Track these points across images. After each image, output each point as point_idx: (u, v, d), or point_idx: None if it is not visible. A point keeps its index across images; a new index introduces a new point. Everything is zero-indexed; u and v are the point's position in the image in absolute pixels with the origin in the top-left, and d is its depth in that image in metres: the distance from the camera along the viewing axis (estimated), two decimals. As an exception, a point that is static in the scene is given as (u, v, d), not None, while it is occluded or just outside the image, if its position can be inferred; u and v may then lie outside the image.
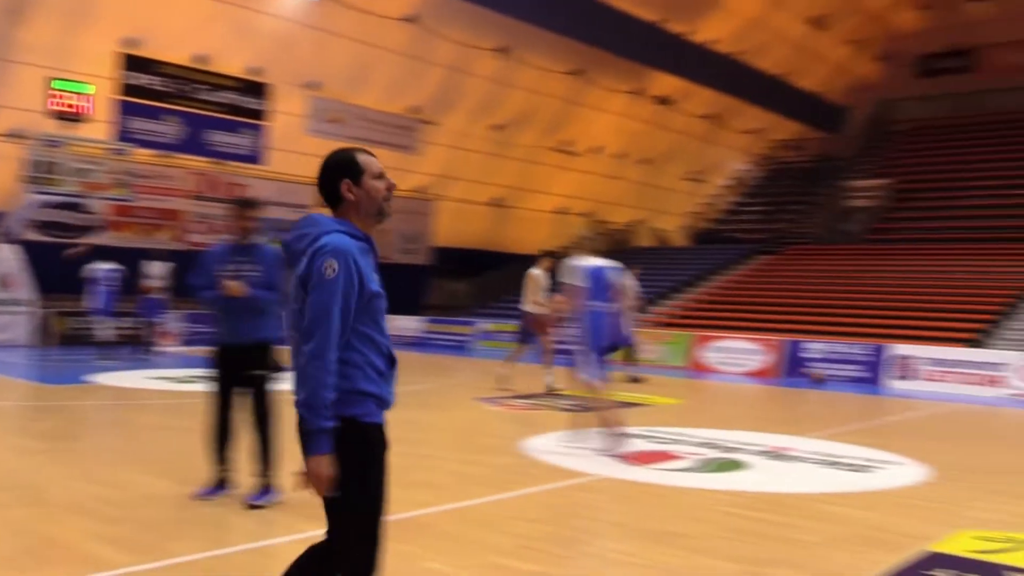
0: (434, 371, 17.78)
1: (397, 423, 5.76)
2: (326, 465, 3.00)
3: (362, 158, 3.26)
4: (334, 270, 3.00)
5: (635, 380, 16.49)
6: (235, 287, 6.14)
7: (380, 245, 3.26)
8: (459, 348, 25.14)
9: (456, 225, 30.87)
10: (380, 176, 3.26)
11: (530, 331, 14.63)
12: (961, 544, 5.72)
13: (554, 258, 14.78)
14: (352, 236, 3.12)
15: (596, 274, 8.67)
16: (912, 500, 7.11)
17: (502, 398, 13.04)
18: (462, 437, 9.42)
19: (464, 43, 24.83)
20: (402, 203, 29.28)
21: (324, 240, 3.06)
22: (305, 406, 2.98)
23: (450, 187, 29.77)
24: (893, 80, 35.75)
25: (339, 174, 3.22)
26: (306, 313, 3.01)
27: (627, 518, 6.08)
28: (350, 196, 3.21)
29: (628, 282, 9.55)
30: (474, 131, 28.18)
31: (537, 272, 14.69)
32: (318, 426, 2.96)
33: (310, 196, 26.61)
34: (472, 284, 30.88)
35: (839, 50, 33.91)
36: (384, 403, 3.16)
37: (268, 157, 23.92)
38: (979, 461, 9.37)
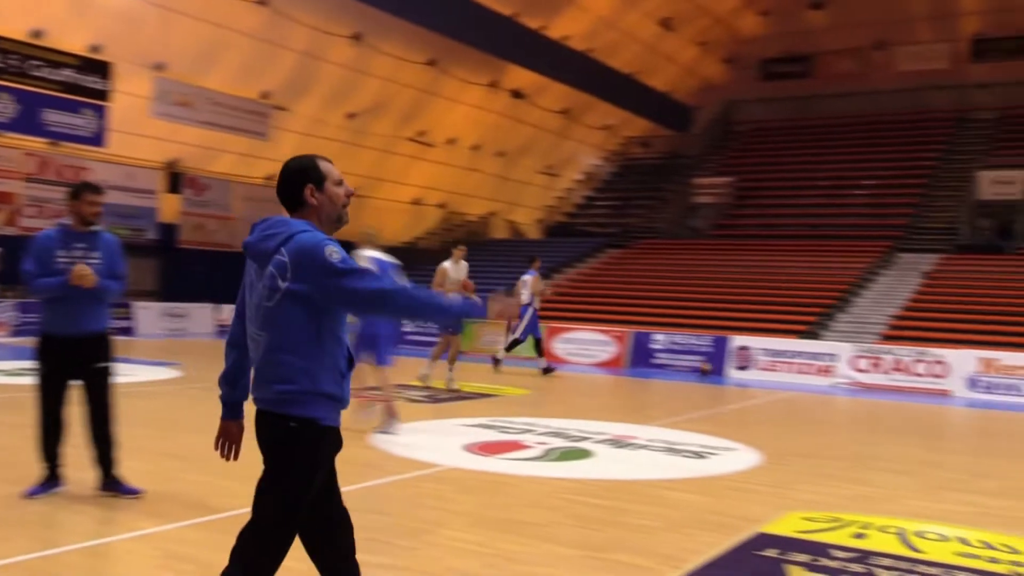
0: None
1: (251, 419, 5.63)
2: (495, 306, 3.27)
3: (324, 165, 3.33)
4: (338, 252, 3.09)
5: (548, 371, 17.10)
6: (88, 275, 5.83)
7: (228, 234, 3.24)
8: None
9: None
10: (340, 183, 3.34)
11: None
12: (789, 525, 6.02)
13: (466, 248, 15.06)
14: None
15: (383, 266, 9.16)
16: (745, 484, 7.44)
17: (356, 389, 12.89)
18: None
19: (318, 28, 24.38)
20: (253, 191, 28.56)
21: (302, 237, 3.10)
22: (438, 312, 3.22)
23: (303, 175, 29.20)
24: (738, 82, 37.19)
25: (303, 179, 3.27)
26: (354, 296, 3.07)
27: (474, 508, 6.13)
28: (313, 200, 3.26)
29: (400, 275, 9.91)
30: (328, 119, 27.72)
31: (447, 265, 14.51)
32: (458, 309, 3.21)
33: (155, 180, 25.64)
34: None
35: (687, 51, 35.01)
36: (343, 404, 3.21)
37: (109, 139, 22.86)
38: (808, 446, 9.88)
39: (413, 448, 8.34)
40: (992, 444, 11.43)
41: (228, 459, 3.47)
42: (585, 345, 20.82)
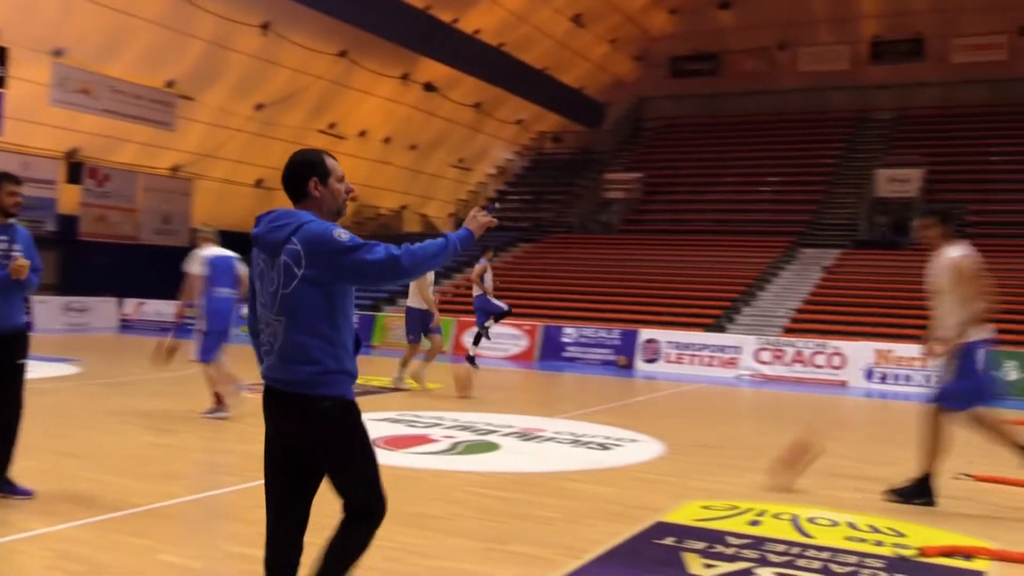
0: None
1: (150, 415, 5.52)
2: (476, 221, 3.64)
3: (329, 161, 3.53)
4: (345, 232, 3.31)
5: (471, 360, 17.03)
6: (26, 268, 5.62)
7: (132, 225, 3.24)
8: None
9: (218, 206, 29.71)
10: (341, 179, 3.55)
11: (417, 328, 13.45)
12: (688, 513, 6.16)
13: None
14: None
15: (220, 263, 9.67)
16: (647, 474, 7.58)
17: (257, 384, 12.70)
18: (214, 425, 9.11)
19: (225, 17, 23.89)
20: (158, 181, 27.88)
21: (311, 226, 3.32)
22: (443, 256, 3.45)
23: (211, 167, 28.62)
24: (648, 79, 37.72)
25: (309, 172, 3.48)
26: (363, 268, 3.29)
27: (378, 502, 6.11)
28: (316, 193, 3.47)
29: (244, 270, 10.18)
30: (237, 109, 27.21)
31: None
32: (461, 236, 3.55)
33: (54, 170, 24.80)
34: (234, 267, 29.88)
35: (598, 48, 35.36)
36: (354, 379, 3.46)
37: (4, 127, 22.05)
38: (710, 437, 10.10)
39: (319, 443, 8.26)
40: (884, 432, 11.86)
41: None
42: (496, 339, 20.87)
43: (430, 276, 13.39)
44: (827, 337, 18.74)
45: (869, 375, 17.69)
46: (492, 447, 8.51)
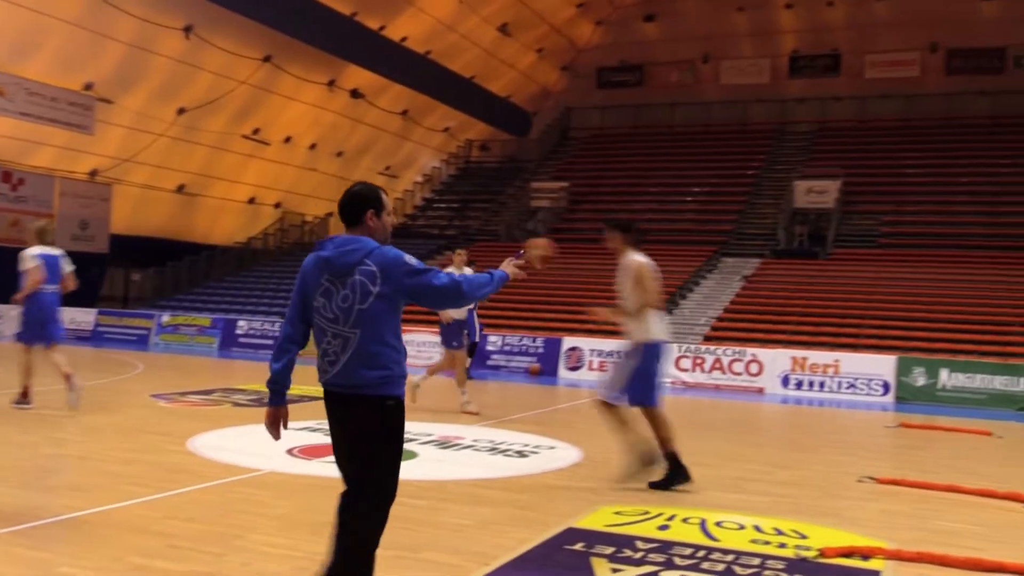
0: (108, 367, 16.68)
1: (58, 424, 5.40)
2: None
3: (384, 197, 4.02)
4: (413, 258, 3.89)
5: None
6: None
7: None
8: (137, 343, 23.79)
9: (137, 212, 29.14)
10: (391, 213, 4.06)
11: (453, 337, 12.54)
12: (599, 519, 6.24)
13: (468, 251, 14.19)
14: None
15: (49, 260, 10.24)
16: (563, 481, 7.65)
17: (175, 394, 12.49)
18: (127, 436, 8.93)
19: (145, 19, 23.48)
20: (77, 186, 27.22)
21: (383, 250, 3.86)
22: (489, 287, 4.17)
23: (131, 172, 28.04)
24: (575, 89, 38.09)
25: (367, 204, 3.96)
26: (428, 291, 3.91)
27: (289, 511, 6.07)
28: (371, 224, 3.96)
29: (69, 268, 10.61)
30: (158, 113, 26.73)
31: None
32: (501, 276, 4.26)
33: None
34: (154, 275, 29.30)
35: (526, 57, 35.61)
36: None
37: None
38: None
39: (234, 453, 8.16)
40: (795, 437, 12.15)
41: (278, 439, 4.21)
42: (419, 348, 20.84)
43: None
44: (746, 345, 19.12)
45: (785, 382, 18.09)
46: (410, 455, 8.49)
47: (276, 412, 4.12)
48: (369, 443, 3.85)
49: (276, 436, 4.16)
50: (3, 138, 24.29)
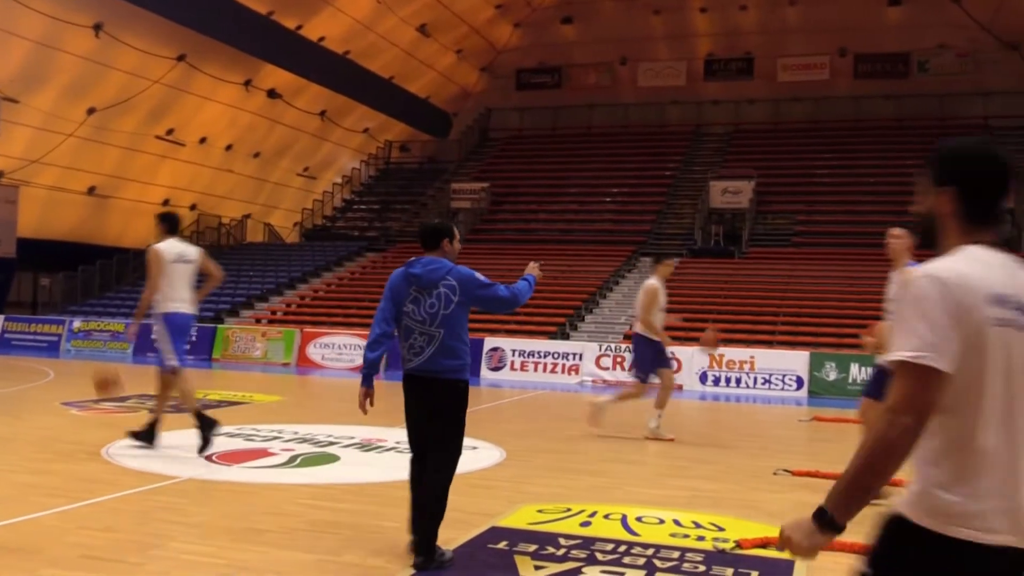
0: (16, 374, 16.17)
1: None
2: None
3: (456, 228, 5.54)
4: (481, 275, 5.35)
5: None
6: None
7: None
8: (48, 349, 23.09)
9: (46, 215, 28.24)
10: (458, 240, 5.46)
11: (647, 363, 10.66)
12: (522, 517, 6.30)
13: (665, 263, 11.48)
14: None
15: None
16: (485, 481, 7.69)
17: (88, 401, 12.18)
18: (38, 445, 8.68)
19: (53, 16, 22.78)
20: (-21, 188, 26.28)
21: (460, 269, 5.31)
22: (527, 294, 5.60)
23: (39, 173, 27.16)
24: (494, 90, 38.16)
25: (445, 234, 5.40)
26: (492, 300, 5.36)
27: (209, 518, 5.98)
28: (447, 248, 5.39)
29: None
30: (67, 113, 25.94)
31: (654, 283, 10.86)
32: (533, 280, 5.67)
33: None
34: (64, 279, 28.43)
35: (445, 58, 35.52)
36: None
37: None
38: (548, 442, 10.32)
39: (151, 460, 8.00)
40: (712, 433, 12.41)
41: (366, 414, 5.56)
42: (341, 350, 20.69)
43: (660, 298, 10.78)
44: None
45: (703, 378, 18.44)
46: (331, 459, 8.44)
47: (367, 392, 5.34)
48: (447, 414, 5.21)
49: (365, 411, 5.42)
50: (-99, 138, 23.37)
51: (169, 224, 8.92)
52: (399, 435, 10.00)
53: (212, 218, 32.94)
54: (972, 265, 2.12)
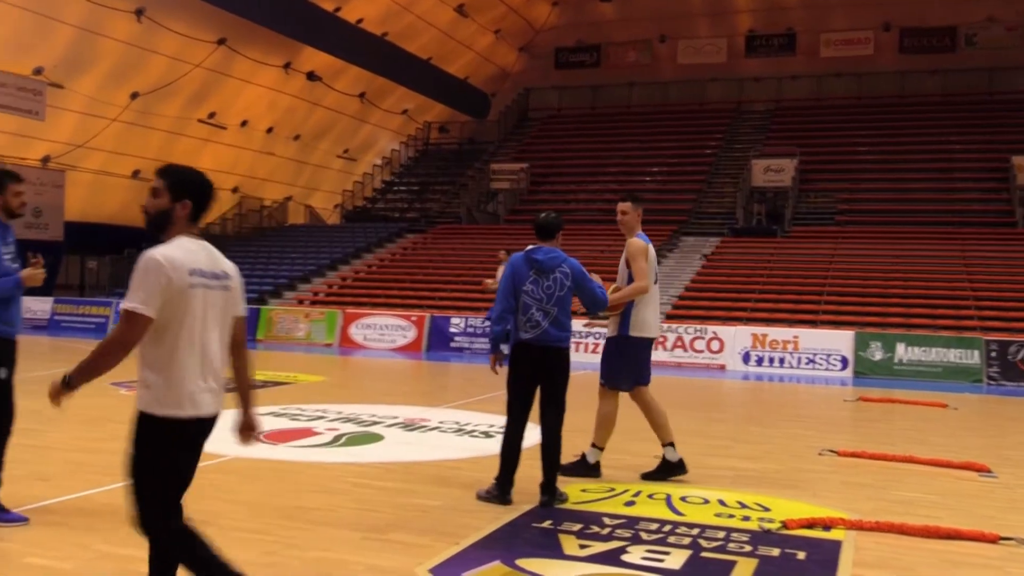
0: (66, 355, 16.48)
1: (18, 414, 5.34)
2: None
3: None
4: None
5: None
6: (39, 276, 5.35)
7: None
8: (96, 331, 23.49)
9: (92, 199, 28.69)
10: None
11: None
12: (567, 497, 6.30)
13: None
14: None
15: None
16: (529, 461, 7.66)
17: (136, 381, 12.37)
18: (89, 425, 8.84)
19: (95, 1, 23.03)
20: (28, 173, 26.70)
21: (572, 260, 6.24)
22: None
23: (85, 158, 27.57)
24: (533, 70, 38.02)
25: (559, 228, 6.36)
26: (593, 294, 6.25)
27: (257, 496, 6.05)
28: (559, 239, 6.32)
29: None
30: (111, 98, 26.27)
31: None
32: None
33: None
34: (111, 262, 28.87)
35: (483, 38, 35.45)
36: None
37: None
38: (590, 422, 10.28)
39: (198, 439, 8.11)
40: (755, 413, 12.32)
41: (498, 374, 6.51)
42: (383, 330, 20.81)
43: None
44: (707, 323, 19.30)
45: (746, 358, 18.31)
46: (375, 438, 8.51)
47: (496, 358, 6.36)
48: (559, 376, 6.20)
49: (496, 373, 6.46)
50: (-50, 125, 23.80)
51: None
52: (442, 415, 10.07)
53: (254, 201, 33.24)
54: (180, 250, 3.43)
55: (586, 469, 7.16)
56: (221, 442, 7.82)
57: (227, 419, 3.94)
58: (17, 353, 5.44)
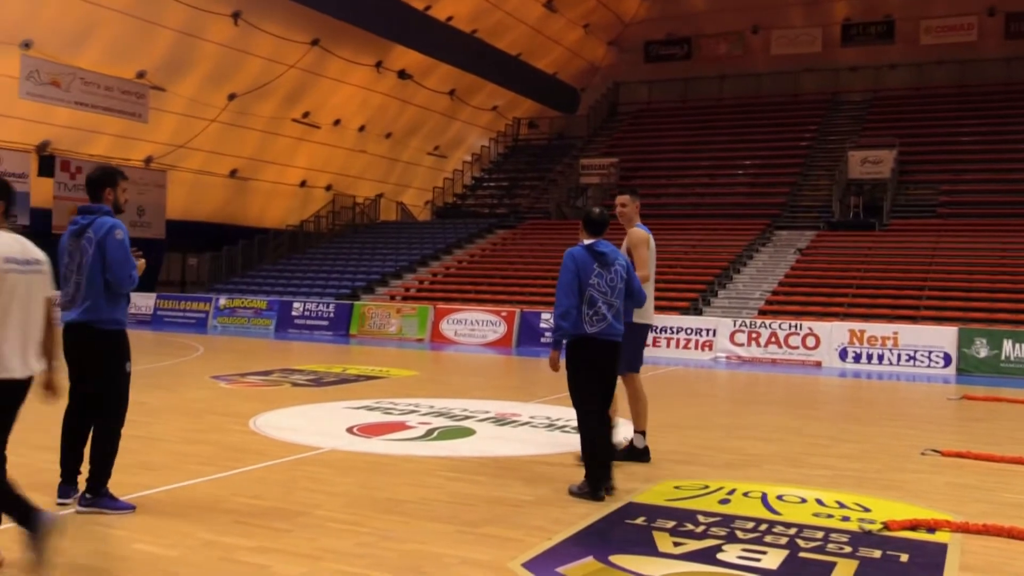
0: (168, 350, 17.03)
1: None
2: None
3: None
4: None
5: None
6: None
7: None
8: (196, 326, 24.21)
9: (192, 197, 29.59)
10: None
11: None
12: (659, 494, 6.24)
13: None
14: None
15: None
16: (620, 456, 7.63)
17: (235, 375, 12.71)
18: (190, 416, 9.12)
19: (194, 6, 23.73)
20: (132, 174, 27.62)
21: (623, 256, 6.45)
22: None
23: (185, 158, 28.46)
24: (622, 64, 37.76)
25: (609, 222, 6.38)
26: (638, 286, 6.53)
27: (352, 489, 6.15)
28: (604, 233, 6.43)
29: None
30: (209, 100, 27.05)
31: None
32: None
33: (26, 164, 24.59)
34: (210, 259, 29.75)
35: (572, 33, 35.35)
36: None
37: (-27, 121, 21.86)
38: (684, 418, 10.21)
39: (295, 432, 8.30)
40: (853, 411, 12.00)
41: (557, 371, 6.37)
42: (474, 326, 20.95)
43: None
44: (802, 318, 18.91)
45: (843, 355, 17.88)
46: (468, 432, 8.56)
47: (558, 355, 6.27)
48: (615, 368, 6.40)
49: (556, 370, 6.32)
50: (60, 128, 24.78)
51: None
52: (533, 410, 10.08)
53: (347, 198, 33.83)
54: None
55: (637, 454, 7.40)
56: (317, 435, 8.05)
57: (277, 419, 4.01)
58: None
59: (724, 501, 6.09)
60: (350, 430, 8.43)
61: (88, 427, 5.50)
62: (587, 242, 6.24)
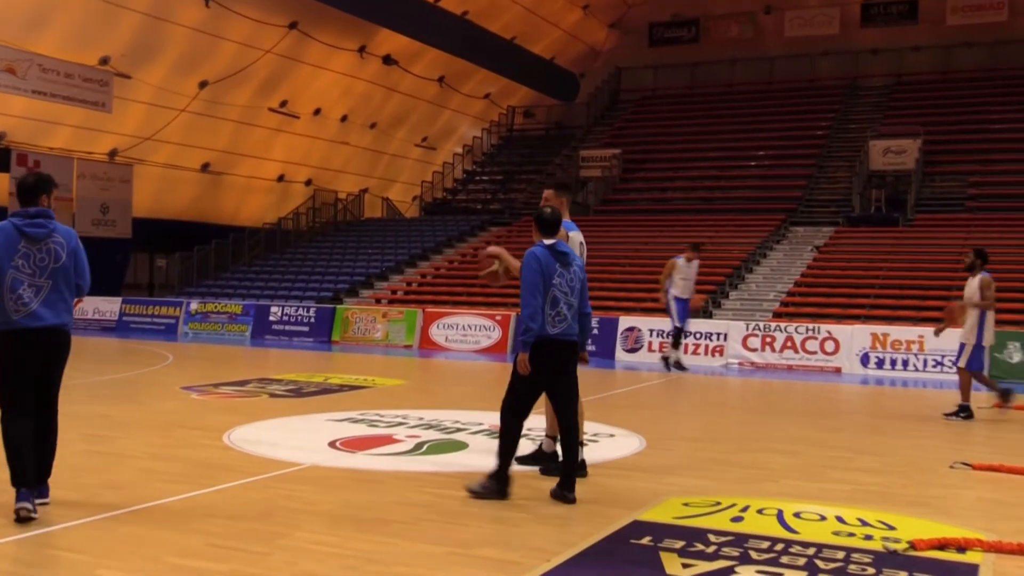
0: (135, 358, 16.98)
1: (88, 419, 5.51)
2: None
3: None
4: None
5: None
6: None
7: (68, 216, 3.91)
8: (165, 332, 24.18)
9: (160, 194, 29.54)
10: None
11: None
12: (667, 511, 6.23)
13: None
14: None
15: None
16: (625, 471, 7.65)
17: (208, 386, 12.69)
18: (159, 431, 9.09)
19: (161, -13, 23.70)
20: (96, 168, 27.63)
21: (577, 257, 6.86)
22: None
23: (152, 151, 28.42)
24: (625, 48, 37.76)
25: (560, 221, 6.91)
26: (586, 285, 6.83)
27: (334, 507, 6.14)
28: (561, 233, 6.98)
29: None
30: (179, 88, 27.01)
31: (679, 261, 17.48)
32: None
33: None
34: (181, 260, 29.71)
35: (571, 15, 35.35)
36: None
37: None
38: (693, 429, 10.21)
39: (273, 447, 8.28)
40: (876, 421, 12.01)
41: (527, 374, 6.51)
42: (466, 331, 20.94)
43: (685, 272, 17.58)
44: (819, 321, 18.93)
45: (865, 360, 17.90)
46: (459, 446, 8.55)
47: (527, 357, 6.43)
48: (574, 370, 6.70)
49: (526, 373, 6.46)
50: (16, 119, 24.74)
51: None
52: (529, 422, 10.03)
53: (328, 194, 33.82)
54: None
55: (544, 458, 7.63)
56: (297, 450, 8.02)
57: (294, 428, 3.99)
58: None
59: (737, 519, 6.08)
60: (333, 444, 8.42)
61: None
62: (548, 242, 6.57)
